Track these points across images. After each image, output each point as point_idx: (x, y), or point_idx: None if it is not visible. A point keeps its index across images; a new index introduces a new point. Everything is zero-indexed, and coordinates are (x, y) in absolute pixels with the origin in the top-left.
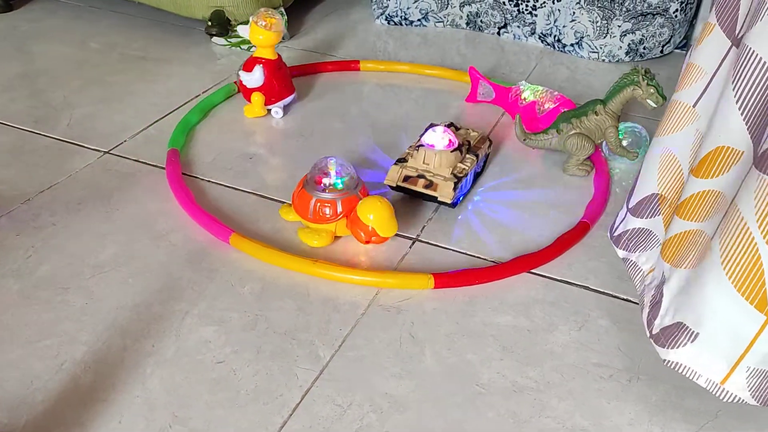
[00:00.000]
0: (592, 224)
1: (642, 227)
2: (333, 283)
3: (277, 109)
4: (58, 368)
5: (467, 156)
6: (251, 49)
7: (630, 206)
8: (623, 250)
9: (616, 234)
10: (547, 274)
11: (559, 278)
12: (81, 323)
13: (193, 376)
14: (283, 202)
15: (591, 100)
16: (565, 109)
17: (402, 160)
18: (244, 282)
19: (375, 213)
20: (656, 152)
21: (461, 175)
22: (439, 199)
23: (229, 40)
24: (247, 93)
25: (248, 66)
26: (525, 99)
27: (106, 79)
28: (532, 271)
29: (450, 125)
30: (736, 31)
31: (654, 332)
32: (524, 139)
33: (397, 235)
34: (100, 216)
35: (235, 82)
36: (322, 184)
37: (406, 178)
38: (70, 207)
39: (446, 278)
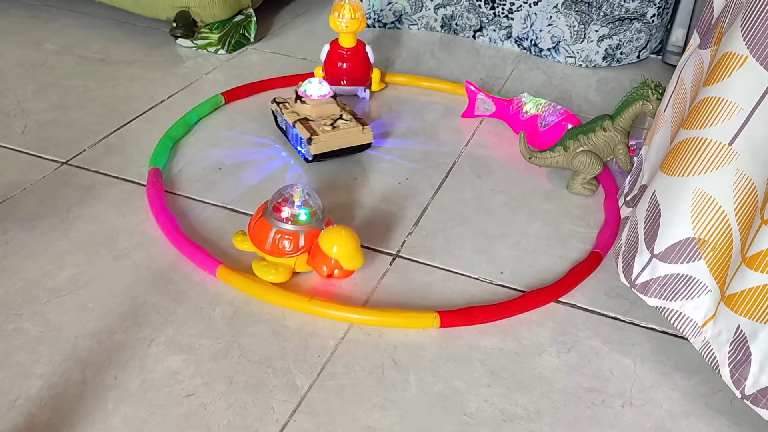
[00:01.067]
0: (604, 254)
1: (678, 273)
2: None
3: None
4: (10, 405)
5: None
6: (218, 53)
7: (656, 252)
8: (656, 298)
9: (639, 282)
10: (523, 289)
11: None
12: (36, 354)
13: (159, 412)
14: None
15: (598, 116)
16: (571, 125)
17: (311, 138)
18: (215, 305)
19: (339, 244)
20: (682, 193)
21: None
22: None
23: (195, 42)
24: None
25: None
26: (527, 112)
27: (63, 84)
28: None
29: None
30: None
31: (748, 393)
32: (529, 158)
33: (375, 250)
34: (57, 233)
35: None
36: (284, 214)
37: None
38: (24, 223)
39: (452, 317)
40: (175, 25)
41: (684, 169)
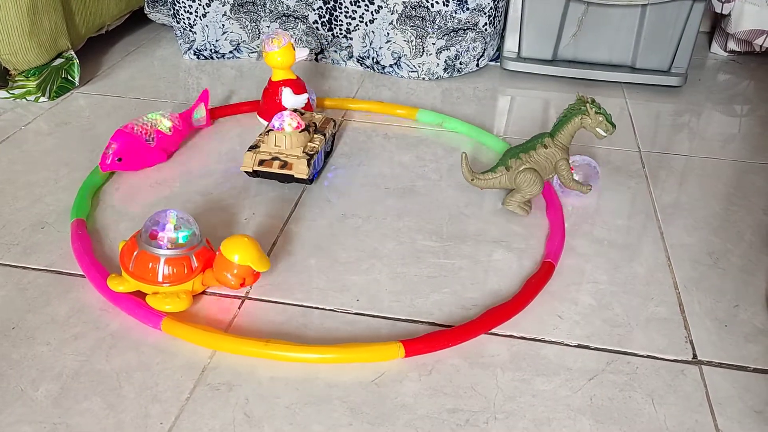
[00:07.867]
0: (555, 263)
1: None
2: (150, 367)
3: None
4: None
5: (315, 136)
6: (39, 100)
7: None
8: None
9: None
10: (380, 314)
11: (399, 317)
12: None
13: None
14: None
15: (538, 134)
16: (511, 146)
17: (254, 147)
18: (38, 383)
19: (245, 250)
20: None
21: (312, 152)
22: (295, 176)
23: (11, 91)
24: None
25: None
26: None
27: None
28: (377, 315)
29: (295, 111)
30: None
31: None
32: (471, 180)
33: (221, 295)
34: None
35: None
36: (166, 240)
37: (261, 162)
38: None
39: (417, 344)
40: None
41: None
